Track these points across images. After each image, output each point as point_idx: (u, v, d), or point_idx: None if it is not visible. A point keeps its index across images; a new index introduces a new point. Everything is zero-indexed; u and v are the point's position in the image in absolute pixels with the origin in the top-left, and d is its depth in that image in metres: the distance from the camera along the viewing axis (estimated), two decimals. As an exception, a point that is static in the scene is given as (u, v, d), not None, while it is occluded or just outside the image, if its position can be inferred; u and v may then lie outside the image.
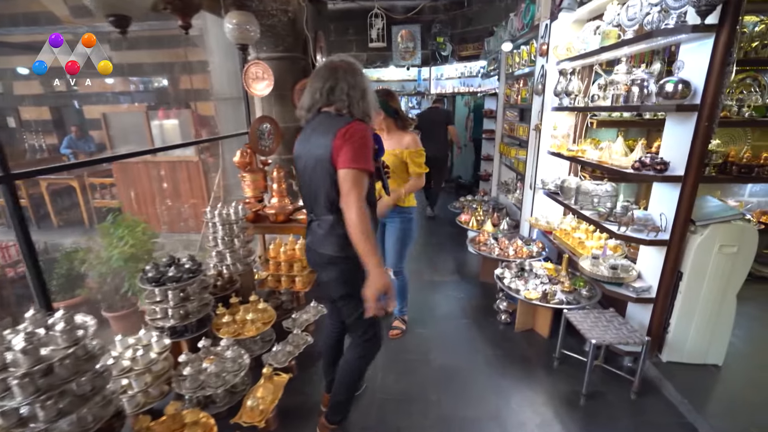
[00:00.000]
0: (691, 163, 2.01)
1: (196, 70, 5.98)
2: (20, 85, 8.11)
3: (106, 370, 1.62)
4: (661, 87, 2.00)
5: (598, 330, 2.17)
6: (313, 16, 4.03)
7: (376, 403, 2.17)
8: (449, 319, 3.02)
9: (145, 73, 7.72)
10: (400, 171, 2.45)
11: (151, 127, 5.02)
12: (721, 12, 1.80)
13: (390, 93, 2.47)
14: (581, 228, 3.09)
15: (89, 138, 7.44)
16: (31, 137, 8.33)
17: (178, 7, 1.80)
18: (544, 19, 3.32)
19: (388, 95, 2.44)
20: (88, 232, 5.34)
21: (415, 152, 2.43)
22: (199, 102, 5.81)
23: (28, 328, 1.40)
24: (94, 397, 1.52)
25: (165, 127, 5.16)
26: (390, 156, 2.40)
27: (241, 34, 2.45)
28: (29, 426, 1.33)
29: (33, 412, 1.35)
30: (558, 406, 2.13)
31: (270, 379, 2.05)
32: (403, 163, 2.44)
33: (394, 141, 2.45)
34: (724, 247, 2.09)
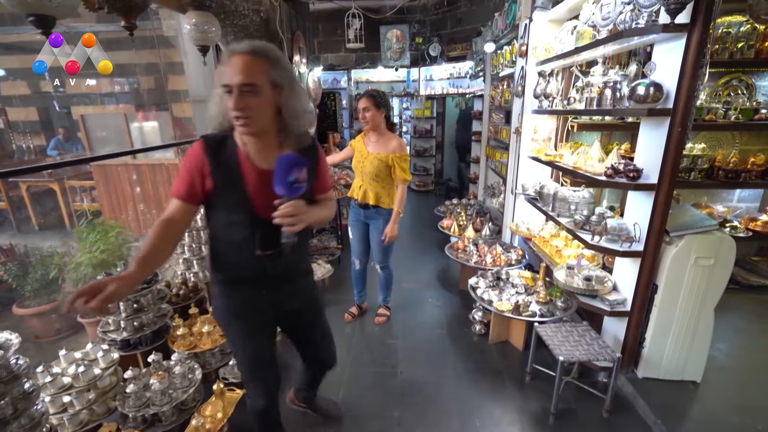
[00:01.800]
0: (665, 171, 1.90)
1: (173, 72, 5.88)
2: (6, 86, 8.04)
3: (33, 389, 1.52)
4: (632, 90, 1.89)
5: (568, 345, 2.06)
6: (291, 16, 3.94)
7: (348, 424, 2.06)
8: (423, 329, 2.92)
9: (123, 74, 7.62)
10: (384, 175, 2.53)
11: (130, 129, 4.92)
12: (692, 11, 1.70)
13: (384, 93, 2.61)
14: (561, 236, 2.99)
15: (77, 140, 7.36)
16: (19, 138, 8.26)
17: (117, 6, 1.70)
18: (524, 19, 3.22)
19: (384, 94, 2.58)
20: (68, 236, 5.25)
21: (400, 157, 2.50)
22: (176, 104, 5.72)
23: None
24: (18, 420, 1.43)
25: (144, 129, 5.06)
26: (375, 160, 2.50)
27: (201, 35, 2.35)
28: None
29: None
30: (525, 425, 2.03)
31: (221, 396, 1.95)
32: (388, 167, 2.51)
33: (381, 144, 2.54)
34: (700, 259, 1.98)
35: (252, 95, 1.13)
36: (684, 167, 2.74)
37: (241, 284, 1.36)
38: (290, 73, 1.22)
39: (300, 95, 1.25)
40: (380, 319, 2.95)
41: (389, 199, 2.59)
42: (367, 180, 2.57)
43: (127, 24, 1.80)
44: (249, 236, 1.26)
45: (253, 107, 1.14)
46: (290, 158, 1.12)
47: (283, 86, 1.19)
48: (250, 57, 1.12)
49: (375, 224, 2.67)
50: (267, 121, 1.20)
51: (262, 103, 1.16)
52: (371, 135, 2.61)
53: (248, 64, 1.11)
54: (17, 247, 5.18)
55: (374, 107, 2.47)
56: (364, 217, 2.71)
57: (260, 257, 1.28)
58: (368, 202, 2.60)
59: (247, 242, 1.27)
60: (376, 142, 2.57)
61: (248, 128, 1.17)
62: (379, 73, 7.02)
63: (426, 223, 5.29)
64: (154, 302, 2.23)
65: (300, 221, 1.15)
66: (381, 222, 2.63)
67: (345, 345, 2.68)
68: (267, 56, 1.15)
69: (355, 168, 2.66)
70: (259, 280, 1.35)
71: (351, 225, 2.80)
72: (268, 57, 1.15)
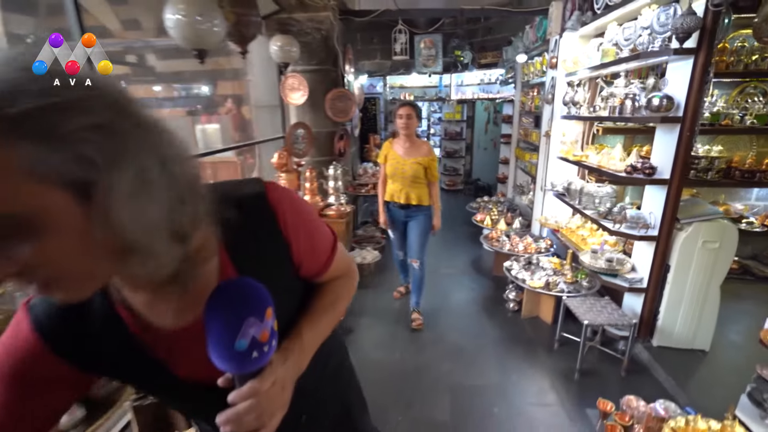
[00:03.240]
0: (676, 168, 2.28)
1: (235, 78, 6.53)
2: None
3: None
4: (648, 101, 2.28)
5: (591, 314, 2.46)
6: (343, 31, 4.44)
7: (395, 373, 2.53)
8: (462, 305, 3.36)
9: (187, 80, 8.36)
10: (421, 176, 2.80)
11: (195, 131, 5.54)
12: (699, 37, 2.08)
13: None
14: (586, 227, 3.37)
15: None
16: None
17: (238, 38, 2.22)
18: (555, 35, 3.61)
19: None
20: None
21: (433, 159, 2.83)
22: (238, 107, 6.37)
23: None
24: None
25: (207, 131, 5.67)
26: (414, 164, 2.77)
27: (284, 54, 2.88)
28: None
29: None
30: (554, 379, 2.44)
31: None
32: (424, 169, 2.79)
33: (414, 149, 2.81)
34: (707, 243, 2.35)
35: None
36: (702, 167, 3.06)
37: None
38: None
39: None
40: (417, 323, 2.99)
41: (426, 197, 2.87)
42: (407, 183, 2.82)
43: (242, 50, 2.33)
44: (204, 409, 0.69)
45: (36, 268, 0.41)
46: (233, 296, 0.53)
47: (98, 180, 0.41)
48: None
49: (417, 220, 2.91)
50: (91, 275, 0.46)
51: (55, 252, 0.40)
52: (401, 141, 2.85)
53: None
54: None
55: (415, 116, 2.76)
56: (404, 216, 2.96)
57: None
58: (411, 202, 2.86)
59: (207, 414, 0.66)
60: (409, 148, 2.82)
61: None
62: (413, 78, 7.47)
63: (459, 219, 5.70)
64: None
65: (270, 416, 0.57)
66: (422, 217, 2.90)
67: (396, 317, 3.14)
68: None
69: (393, 174, 2.86)
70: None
71: (391, 226, 3.07)
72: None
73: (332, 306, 0.74)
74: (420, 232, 2.91)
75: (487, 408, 2.23)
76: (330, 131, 4.17)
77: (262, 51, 3.58)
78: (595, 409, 1.93)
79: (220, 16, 1.87)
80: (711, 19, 2.03)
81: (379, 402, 2.26)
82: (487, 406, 2.24)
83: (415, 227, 2.93)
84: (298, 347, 0.64)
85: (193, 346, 0.57)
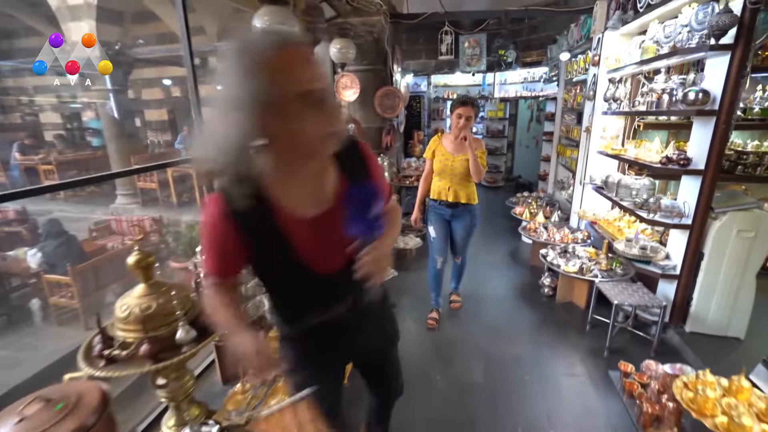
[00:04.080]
0: (711, 159, 2.39)
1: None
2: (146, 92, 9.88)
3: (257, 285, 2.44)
4: (684, 95, 2.41)
5: (623, 296, 2.61)
6: (392, 33, 4.76)
7: (435, 342, 2.81)
8: (498, 290, 3.57)
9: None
10: (470, 174, 2.65)
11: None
12: (736, 33, 2.19)
13: None
14: (624, 219, 3.47)
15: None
16: (152, 135, 10.11)
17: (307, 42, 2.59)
18: (598, 33, 3.72)
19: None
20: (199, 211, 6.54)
21: (483, 152, 2.67)
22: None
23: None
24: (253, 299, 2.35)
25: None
26: (465, 161, 2.62)
27: (342, 55, 3.23)
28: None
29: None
30: (584, 355, 2.62)
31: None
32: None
33: (464, 145, 2.61)
34: (741, 232, 2.43)
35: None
36: (751, 162, 3.06)
37: (308, 340, 1.12)
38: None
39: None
40: (456, 305, 3.18)
41: (475, 195, 2.79)
42: (456, 180, 2.70)
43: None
44: (312, 297, 1.04)
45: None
46: (366, 190, 0.91)
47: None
48: (307, 52, 0.82)
49: (463, 219, 2.81)
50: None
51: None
52: (451, 137, 2.70)
53: (312, 63, 0.82)
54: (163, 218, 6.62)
55: (474, 117, 2.61)
56: (450, 216, 2.82)
57: (331, 313, 1.06)
58: (460, 200, 2.73)
59: (311, 303, 1.05)
60: (459, 144, 2.66)
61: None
62: (457, 77, 7.67)
63: (498, 213, 5.86)
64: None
65: (386, 267, 0.95)
66: (468, 217, 2.80)
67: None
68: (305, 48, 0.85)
69: (441, 170, 2.71)
70: (331, 334, 1.11)
71: (434, 225, 2.86)
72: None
73: (396, 221, 1.15)
74: (466, 233, 2.87)
75: (519, 375, 2.45)
76: (378, 126, 4.49)
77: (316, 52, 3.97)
78: (617, 371, 2.11)
79: (297, 24, 2.23)
80: (749, 16, 2.14)
81: (419, 364, 2.56)
82: (519, 374, 2.47)
83: (460, 228, 2.85)
84: (389, 233, 1.04)
85: (320, 239, 0.94)
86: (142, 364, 1.53)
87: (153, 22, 8.35)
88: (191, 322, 1.67)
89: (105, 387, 1.48)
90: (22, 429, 1.18)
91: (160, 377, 1.70)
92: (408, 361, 1.33)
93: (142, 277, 1.64)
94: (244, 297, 2.31)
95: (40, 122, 10.24)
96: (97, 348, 1.55)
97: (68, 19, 6.16)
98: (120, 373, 1.50)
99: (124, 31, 6.48)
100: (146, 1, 7.42)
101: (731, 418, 1.36)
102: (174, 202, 7.17)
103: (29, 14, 7.29)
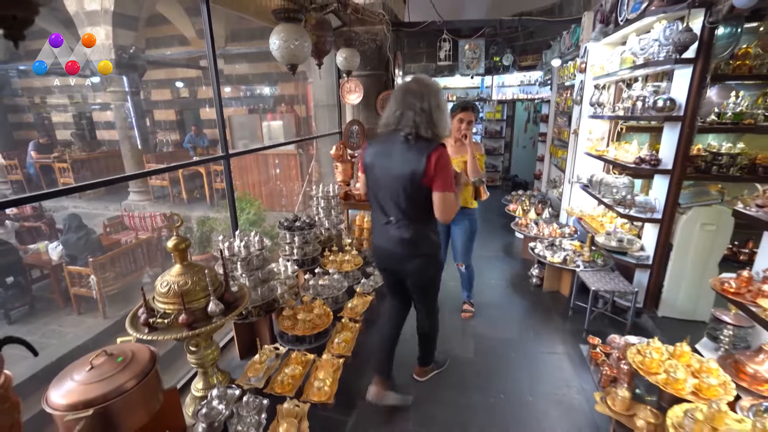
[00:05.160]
0: (677, 160, 2.68)
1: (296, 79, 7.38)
2: (155, 93, 10.20)
3: (270, 271, 2.73)
4: (654, 102, 2.69)
5: (600, 283, 2.90)
6: (394, 40, 5.05)
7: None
8: (491, 281, 3.86)
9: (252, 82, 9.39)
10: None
11: (262, 127, 6.39)
12: (697, 49, 2.47)
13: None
14: (607, 215, 3.75)
15: (204, 135, 9.21)
16: (161, 134, 10.42)
17: (317, 54, 2.88)
18: (585, 42, 4.00)
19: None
20: (212, 207, 6.87)
21: (482, 156, 2.78)
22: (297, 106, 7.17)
23: (240, 239, 2.54)
24: (268, 283, 2.64)
25: (272, 126, 6.52)
26: (461, 163, 2.72)
27: (348, 63, 3.52)
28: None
29: (244, 281, 2.47)
30: (565, 337, 2.90)
31: (360, 297, 3.06)
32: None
33: (462, 148, 2.73)
34: (705, 225, 2.71)
35: None
36: (725, 163, 3.33)
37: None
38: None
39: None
40: (466, 314, 3.16)
41: (471, 199, 2.83)
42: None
43: (319, 62, 2.98)
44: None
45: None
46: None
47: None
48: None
49: (461, 224, 2.87)
50: None
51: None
52: (449, 140, 2.78)
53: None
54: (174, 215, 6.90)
55: (474, 121, 2.72)
56: None
57: None
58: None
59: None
60: (457, 146, 2.77)
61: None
62: (456, 80, 7.95)
63: (494, 211, 6.15)
64: (314, 239, 3.42)
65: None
66: (466, 221, 2.87)
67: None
68: None
69: None
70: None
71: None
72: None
73: (459, 185, 1.94)
74: (465, 237, 2.92)
75: (506, 353, 2.75)
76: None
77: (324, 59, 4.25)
78: (586, 345, 2.39)
79: (309, 39, 2.52)
80: (707, 34, 2.42)
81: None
82: (505, 351, 2.76)
83: (459, 232, 2.92)
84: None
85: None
86: (180, 331, 1.83)
87: (164, 26, 8.68)
88: (219, 298, 1.97)
89: (153, 348, 1.78)
90: (93, 374, 1.49)
91: (192, 344, 2.00)
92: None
93: (179, 258, 1.94)
94: (260, 281, 2.61)
95: (53, 122, 10.59)
96: (142, 317, 1.84)
97: (86, 24, 6.47)
98: (162, 337, 1.80)
99: (139, 35, 6.79)
100: (159, 6, 7.73)
101: (668, 374, 1.65)
102: (185, 199, 7.48)
103: (46, 18, 7.61)
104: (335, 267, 3.32)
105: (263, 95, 9.13)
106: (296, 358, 2.36)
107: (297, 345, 2.55)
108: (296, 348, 2.50)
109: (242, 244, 2.46)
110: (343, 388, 2.22)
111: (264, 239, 2.66)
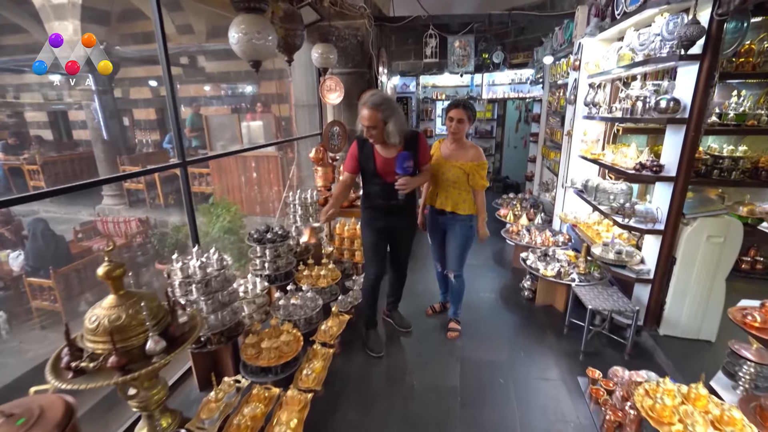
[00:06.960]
0: (682, 166, 2.44)
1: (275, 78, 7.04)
2: (134, 91, 9.78)
3: (234, 291, 2.44)
4: (656, 103, 2.45)
5: (597, 300, 2.66)
6: (378, 35, 4.76)
7: (416, 341, 2.83)
8: (480, 293, 3.59)
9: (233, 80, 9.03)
10: (462, 182, 2.60)
11: (241, 127, 6.06)
12: (704, 44, 2.23)
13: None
14: (603, 223, 3.51)
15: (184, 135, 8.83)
16: (140, 134, 10.01)
17: (286, 49, 2.59)
18: (579, 38, 3.76)
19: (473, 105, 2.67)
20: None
21: (479, 165, 2.58)
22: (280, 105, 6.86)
23: (196, 258, 2.25)
24: (230, 306, 2.35)
25: (252, 127, 6.19)
26: (454, 168, 2.58)
27: (324, 60, 3.23)
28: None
29: (200, 306, 2.19)
30: (559, 359, 2.66)
31: (336, 317, 2.79)
32: (466, 174, 2.59)
33: (459, 152, 2.60)
34: (711, 238, 2.48)
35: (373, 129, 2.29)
36: (726, 167, 3.12)
37: (373, 210, 2.55)
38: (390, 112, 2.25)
39: (396, 122, 2.27)
40: (452, 334, 2.90)
41: (465, 206, 2.64)
42: (445, 187, 2.63)
43: (289, 58, 2.69)
44: (380, 190, 2.44)
45: (373, 134, 2.32)
46: (404, 154, 2.27)
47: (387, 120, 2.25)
48: (372, 109, 2.24)
49: (452, 230, 2.72)
50: (381, 137, 2.32)
51: (378, 131, 2.28)
52: (448, 142, 2.66)
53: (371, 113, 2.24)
54: (150, 219, 6.57)
55: (467, 120, 2.54)
56: (442, 224, 2.77)
57: (385, 201, 2.44)
58: (445, 208, 2.65)
59: (379, 193, 2.46)
60: (454, 150, 2.61)
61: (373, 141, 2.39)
62: (445, 78, 7.68)
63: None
64: (287, 252, 3.13)
65: (409, 187, 2.33)
66: (458, 228, 2.69)
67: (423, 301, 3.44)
68: (379, 107, 2.23)
69: (433, 175, 2.66)
70: (383, 210, 2.51)
71: (430, 232, 2.90)
72: (380, 108, 2.23)
73: (424, 174, 2.52)
74: (457, 243, 2.73)
75: (494, 378, 2.49)
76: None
77: (302, 55, 3.95)
78: (585, 377, 2.15)
79: (273, 32, 2.23)
80: (716, 27, 2.18)
81: (398, 365, 2.59)
82: (494, 377, 2.50)
83: (451, 238, 2.76)
84: (415, 178, 2.39)
85: (388, 166, 2.36)
86: (111, 376, 1.54)
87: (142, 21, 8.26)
88: (162, 332, 1.68)
89: (70, 399, 1.48)
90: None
91: (130, 388, 1.70)
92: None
93: (112, 288, 1.64)
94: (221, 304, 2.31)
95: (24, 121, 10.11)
96: (65, 360, 1.55)
97: (52, 18, 6.08)
98: (87, 386, 1.50)
99: (110, 31, 6.41)
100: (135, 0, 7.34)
101: (685, 425, 1.40)
102: (161, 204, 7.13)
103: (15, 12, 7.19)
104: (310, 283, 3.04)
105: (245, 94, 8.79)
106: (258, 395, 2.08)
107: (262, 377, 2.26)
108: (260, 381, 2.22)
109: (197, 265, 2.16)
110: (309, 430, 1.95)
111: (224, 258, 2.37)
